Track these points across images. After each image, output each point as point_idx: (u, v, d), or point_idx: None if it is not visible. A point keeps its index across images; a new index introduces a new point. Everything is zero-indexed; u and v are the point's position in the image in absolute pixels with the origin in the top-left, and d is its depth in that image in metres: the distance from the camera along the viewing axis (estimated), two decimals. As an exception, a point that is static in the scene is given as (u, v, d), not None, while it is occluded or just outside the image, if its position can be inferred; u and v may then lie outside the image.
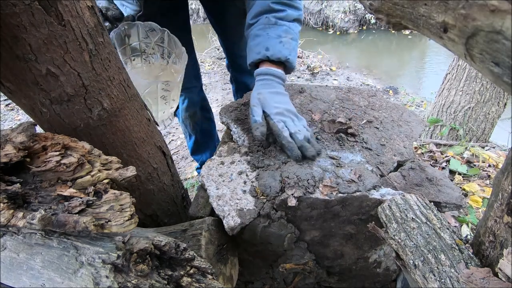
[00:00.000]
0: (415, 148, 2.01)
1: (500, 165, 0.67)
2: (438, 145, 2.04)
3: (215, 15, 1.43)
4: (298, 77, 4.03)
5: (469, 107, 2.10)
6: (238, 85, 1.70)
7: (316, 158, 0.88)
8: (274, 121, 0.89)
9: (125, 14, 1.14)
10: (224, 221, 0.77)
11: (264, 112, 0.93)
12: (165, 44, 1.01)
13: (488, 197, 1.01)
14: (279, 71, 0.97)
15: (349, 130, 1.00)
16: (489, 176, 1.66)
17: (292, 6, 0.97)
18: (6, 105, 3.51)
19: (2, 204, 0.49)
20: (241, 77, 1.63)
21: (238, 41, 1.47)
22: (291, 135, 0.88)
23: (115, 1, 1.15)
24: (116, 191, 0.54)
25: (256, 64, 1.00)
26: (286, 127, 0.89)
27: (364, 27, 6.17)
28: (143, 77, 0.97)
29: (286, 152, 0.88)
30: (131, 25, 0.96)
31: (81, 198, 0.52)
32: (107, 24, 0.92)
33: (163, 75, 1.05)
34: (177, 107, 1.17)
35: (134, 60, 1.00)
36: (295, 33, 0.98)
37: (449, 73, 2.19)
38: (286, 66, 0.99)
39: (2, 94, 0.86)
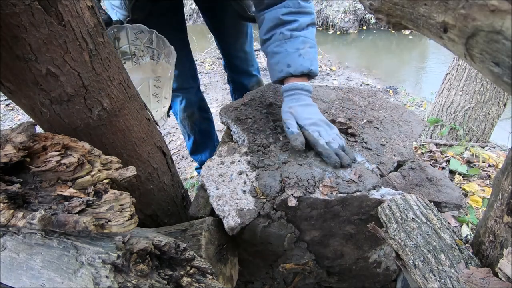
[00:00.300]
0: (415, 148, 2.01)
1: (500, 165, 0.67)
2: (438, 145, 2.04)
3: (211, 17, 1.44)
4: (298, 77, 4.02)
5: (469, 107, 2.10)
6: (235, 85, 1.70)
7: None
8: (310, 131, 0.91)
9: (114, 19, 1.15)
10: (224, 221, 0.77)
11: (298, 124, 0.93)
12: (154, 45, 1.03)
13: (488, 197, 1.01)
14: (304, 84, 0.97)
15: (349, 130, 1.00)
16: (489, 176, 1.66)
17: (303, 13, 0.96)
18: (6, 105, 3.51)
19: (2, 204, 0.49)
20: (238, 78, 1.64)
21: (234, 42, 1.48)
22: (326, 144, 0.89)
23: (109, 7, 1.16)
24: (116, 191, 0.54)
25: (281, 81, 1.01)
26: (321, 136, 0.90)
27: (364, 27, 6.17)
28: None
29: (324, 159, 0.88)
30: (120, 28, 0.97)
31: (81, 198, 0.52)
32: None
33: (154, 75, 1.08)
34: (170, 107, 1.17)
35: (125, 63, 1.02)
36: (311, 40, 0.98)
37: (449, 73, 2.19)
38: (309, 75, 1.00)
39: (2, 94, 0.85)
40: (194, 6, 6.34)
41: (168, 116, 1.14)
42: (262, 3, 0.96)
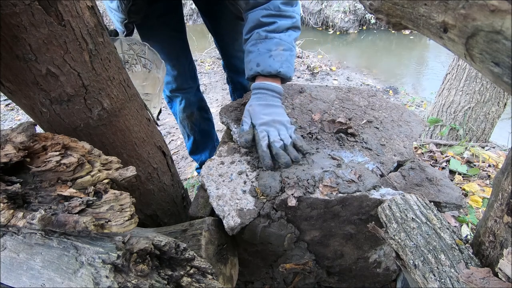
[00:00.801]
0: (415, 148, 2.01)
1: (500, 165, 0.67)
2: (438, 145, 2.04)
3: (210, 17, 1.44)
4: (298, 77, 4.03)
5: (469, 107, 2.10)
6: (234, 85, 1.71)
7: (294, 164, 0.89)
8: (258, 131, 0.93)
9: (116, 20, 1.16)
10: (224, 221, 0.77)
11: (252, 123, 0.96)
12: (146, 55, 1.08)
13: (488, 197, 1.01)
14: (272, 84, 0.98)
15: (349, 130, 1.00)
16: (489, 176, 1.66)
17: (283, 16, 0.97)
18: (6, 105, 3.51)
19: (2, 204, 0.49)
20: (237, 77, 1.64)
21: (232, 42, 1.48)
22: (270, 144, 0.90)
23: (107, 9, 1.17)
24: (116, 191, 0.54)
25: (252, 79, 1.03)
26: (269, 136, 0.91)
27: (364, 27, 6.17)
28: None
29: (261, 159, 0.89)
30: (114, 40, 1.01)
31: (81, 198, 0.52)
32: None
33: (146, 84, 1.11)
34: (160, 111, 1.22)
35: None
36: (287, 43, 0.98)
37: (449, 73, 2.19)
38: (280, 77, 1.00)
39: (2, 94, 0.85)
40: (194, 6, 6.33)
41: (158, 119, 1.17)
42: (248, 4, 0.98)
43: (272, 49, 0.96)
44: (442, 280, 0.51)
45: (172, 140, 2.78)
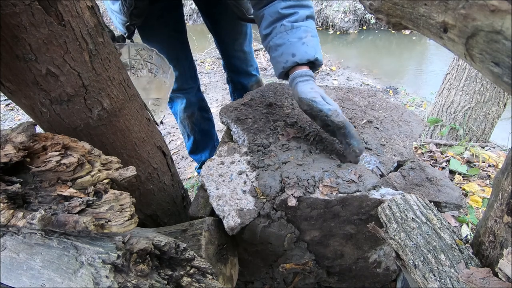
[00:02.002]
0: (415, 148, 2.01)
1: (500, 165, 0.67)
2: (438, 145, 2.04)
3: (210, 17, 1.44)
4: (298, 77, 4.02)
5: (469, 107, 2.10)
6: (234, 85, 1.71)
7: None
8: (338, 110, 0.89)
9: (118, 22, 1.16)
10: (224, 221, 0.77)
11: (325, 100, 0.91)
12: (153, 61, 1.09)
13: (488, 197, 1.01)
14: (310, 71, 0.97)
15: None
16: (489, 176, 1.66)
17: (301, 6, 0.97)
18: (6, 105, 3.51)
19: (2, 204, 0.49)
20: (237, 77, 1.64)
21: (233, 42, 1.48)
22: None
23: (109, 11, 1.17)
24: (116, 191, 0.54)
25: (286, 73, 0.99)
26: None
27: (364, 27, 6.17)
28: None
29: (351, 142, 0.86)
30: (122, 45, 1.02)
31: (81, 198, 0.52)
32: None
33: (151, 88, 1.12)
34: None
35: None
36: (312, 29, 0.98)
37: (449, 73, 2.19)
38: (314, 64, 0.99)
39: (2, 94, 0.85)
40: (194, 6, 6.33)
41: (162, 123, 1.19)
42: (261, 2, 0.97)
43: (302, 36, 0.94)
44: (442, 280, 0.51)
45: (172, 140, 2.78)
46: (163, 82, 1.13)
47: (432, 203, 0.70)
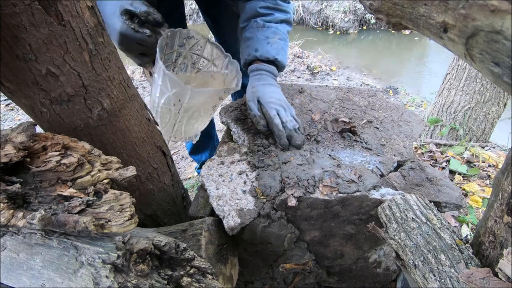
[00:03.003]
0: (415, 148, 2.01)
1: (500, 165, 0.67)
2: (438, 145, 2.04)
3: (211, 17, 1.45)
4: (298, 77, 4.03)
5: (469, 107, 2.10)
6: None
7: (299, 149, 0.94)
8: (268, 109, 0.96)
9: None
10: (224, 221, 0.77)
11: (259, 102, 0.99)
12: (204, 52, 0.91)
13: (488, 197, 1.01)
14: (270, 66, 1.03)
15: (353, 129, 1.00)
16: (489, 176, 1.66)
17: (278, 10, 1.04)
18: (6, 105, 3.51)
19: (2, 204, 0.49)
20: None
21: (234, 42, 1.49)
22: (282, 124, 0.94)
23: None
24: (116, 191, 0.54)
25: (249, 65, 1.07)
26: (279, 115, 0.95)
27: (364, 27, 6.16)
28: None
29: (275, 139, 0.94)
30: (173, 32, 0.84)
31: (81, 198, 0.52)
32: (146, 31, 0.78)
33: (192, 83, 0.92)
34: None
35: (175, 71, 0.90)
36: (282, 33, 1.04)
37: (449, 73, 2.19)
38: (276, 65, 1.05)
39: (2, 94, 0.83)
40: (194, 6, 6.34)
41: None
42: None
43: (269, 36, 1.02)
44: (442, 280, 0.51)
45: (172, 140, 2.77)
46: (209, 78, 0.92)
47: (432, 203, 0.70)
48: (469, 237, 0.95)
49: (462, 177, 1.67)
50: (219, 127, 2.45)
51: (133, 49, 0.82)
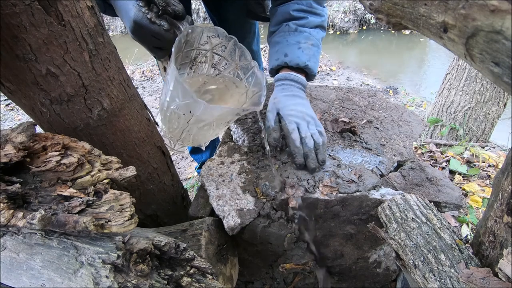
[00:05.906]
0: (415, 148, 2.01)
1: (500, 165, 0.67)
2: (438, 145, 2.04)
3: (218, 15, 1.43)
4: (298, 77, 4.02)
5: (469, 107, 2.10)
6: None
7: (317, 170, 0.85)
8: (287, 122, 0.87)
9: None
10: (224, 221, 0.77)
11: (278, 114, 0.91)
12: (226, 53, 0.83)
13: (488, 197, 1.01)
14: (298, 75, 0.95)
15: (353, 129, 1.00)
16: (489, 176, 1.66)
17: (313, 13, 0.97)
18: (6, 105, 3.52)
19: (2, 204, 0.49)
20: None
21: (241, 40, 1.47)
22: (301, 139, 0.85)
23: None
24: (116, 191, 0.54)
25: (277, 71, 0.99)
26: (299, 130, 0.86)
27: (364, 27, 6.17)
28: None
29: (292, 155, 0.86)
30: (194, 29, 0.75)
31: (81, 198, 0.52)
32: (164, 24, 0.69)
33: (207, 85, 0.86)
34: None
35: (179, 69, 0.81)
36: (316, 39, 0.97)
37: (449, 73, 2.19)
38: (306, 72, 0.97)
39: (2, 94, 0.82)
40: (194, 6, 6.33)
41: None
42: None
43: (301, 41, 0.94)
44: (442, 280, 0.51)
45: (172, 140, 2.77)
46: (231, 84, 0.83)
47: (432, 203, 0.70)
48: (469, 237, 0.95)
49: (462, 177, 1.67)
50: (219, 127, 2.45)
51: (147, 41, 0.73)
